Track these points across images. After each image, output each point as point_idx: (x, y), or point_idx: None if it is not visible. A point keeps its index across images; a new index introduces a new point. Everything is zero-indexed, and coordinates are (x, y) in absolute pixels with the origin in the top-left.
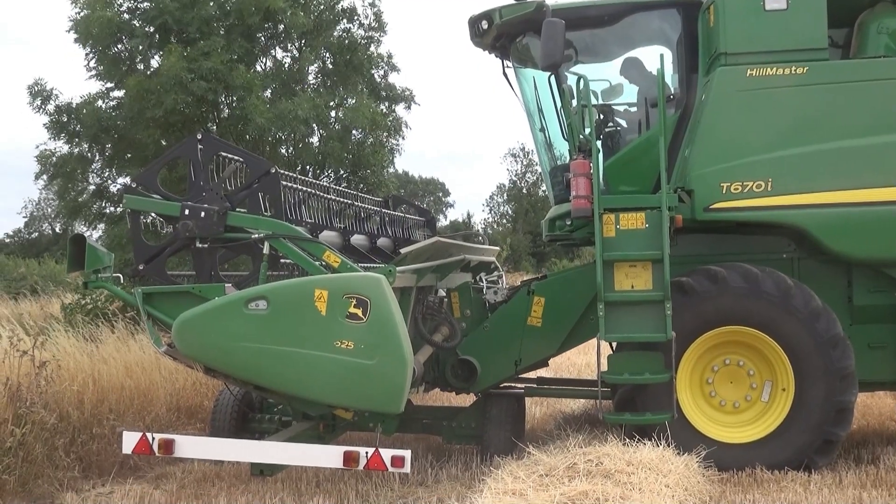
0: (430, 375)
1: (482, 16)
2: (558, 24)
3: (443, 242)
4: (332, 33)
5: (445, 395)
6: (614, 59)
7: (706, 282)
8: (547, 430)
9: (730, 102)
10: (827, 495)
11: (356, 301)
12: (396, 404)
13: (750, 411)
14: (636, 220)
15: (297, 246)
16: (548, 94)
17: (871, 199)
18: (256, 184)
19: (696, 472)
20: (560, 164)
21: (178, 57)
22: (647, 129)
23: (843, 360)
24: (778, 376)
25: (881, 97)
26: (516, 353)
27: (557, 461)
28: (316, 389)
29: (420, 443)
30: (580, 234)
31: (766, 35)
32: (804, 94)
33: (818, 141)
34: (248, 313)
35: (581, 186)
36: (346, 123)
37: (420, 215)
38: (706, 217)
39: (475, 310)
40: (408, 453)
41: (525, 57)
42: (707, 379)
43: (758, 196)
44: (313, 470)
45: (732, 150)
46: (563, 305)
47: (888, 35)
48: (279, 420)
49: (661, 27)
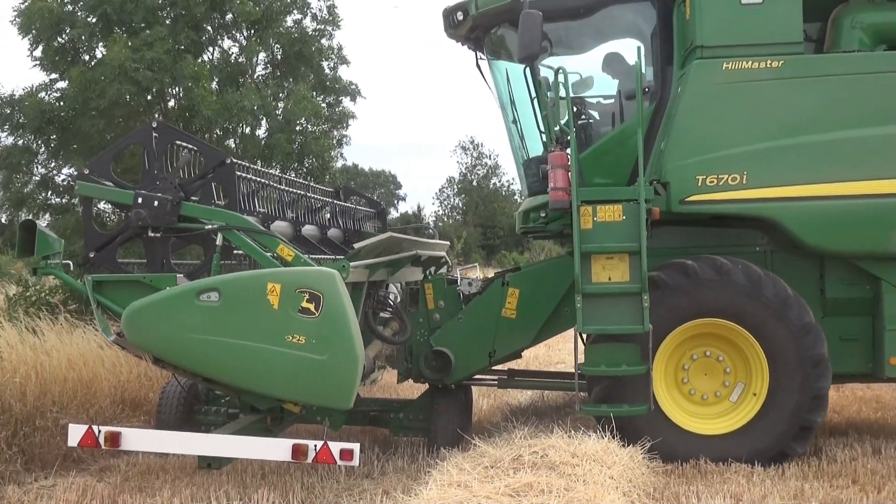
0: (403, 367)
1: (457, 7)
2: (536, 15)
3: (395, 237)
4: (282, 24)
5: (393, 388)
6: (587, 52)
7: (678, 275)
8: (494, 423)
9: (705, 95)
10: (769, 486)
11: (309, 296)
12: (346, 400)
13: (723, 403)
14: (613, 212)
15: (251, 237)
16: (521, 86)
17: (844, 192)
18: (211, 174)
19: (641, 463)
20: (534, 157)
21: (123, 47)
22: (621, 121)
23: (816, 347)
24: (752, 373)
25: (855, 91)
26: (490, 344)
27: (503, 453)
28: (266, 383)
29: (367, 435)
30: (554, 226)
31: (741, 28)
32: (779, 87)
33: (793, 134)
34: (199, 304)
35: (559, 178)
36: (290, 115)
37: (371, 207)
38: (682, 209)
39: (449, 301)
40: (356, 446)
41: (499, 49)
42: (682, 375)
43: (733, 189)
44: (258, 462)
45: (708, 142)
46: (538, 297)
47: (862, 29)
48: (226, 412)
49: (635, 20)
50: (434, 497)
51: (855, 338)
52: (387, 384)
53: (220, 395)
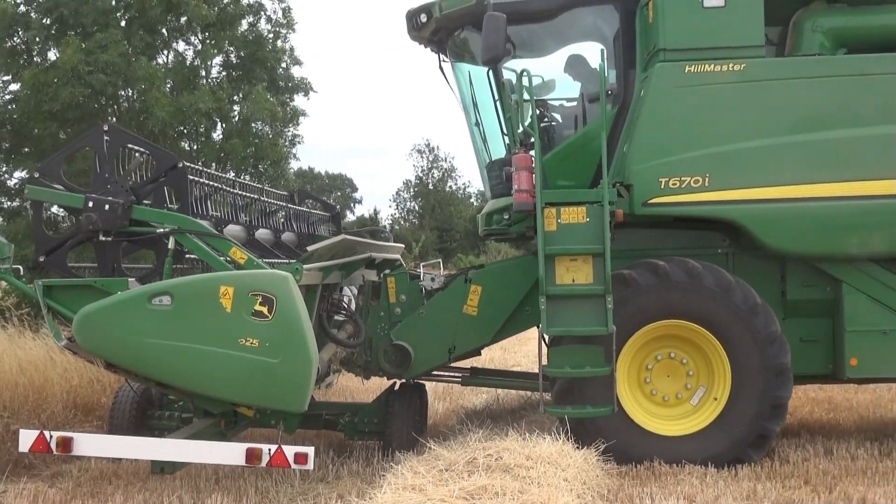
0: (361, 360)
1: (421, 9)
2: (500, 17)
3: (349, 240)
4: (237, 27)
5: (348, 391)
6: (550, 55)
7: (649, 275)
8: (449, 426)
9: (668, 98)
10: (722, 487)
11: (262, 299)
12: (300, 403)
13: (684, 406)
14: (577, 214)
15: (203, 241)
16: (484, 88)
17: (805, 194)
18: (163, 177)
19: (596, 465)
20: (497, 159)
21: (76, 49)
22: (584, 124)
23: (780, 357)
24: (715, 377)
25: (815, 95)
26: (451, 340)
27: (457, 456)
28: (219, 387)
29: (322, 438)
30: (517, 228)
31: (704, 32)
32: (741, 90)
33: (754, 137)
34: (151, 309)
35: (523, 180)
36: (247, 116)
37: (325, 210)
38: (645, 212)
39: (411, 296)
40: (311, 450)
41: (462, 51)
42: (645, 375)
43: (695, 191)
44: (212, 467)
45: (670, 145)
46: (500, 295)
47: (822, 33)
48: (179, 417)
49: (598, 23)
50: (388, 501)
51: (815, 339)
52: (342, 387)
53: (173, 399)
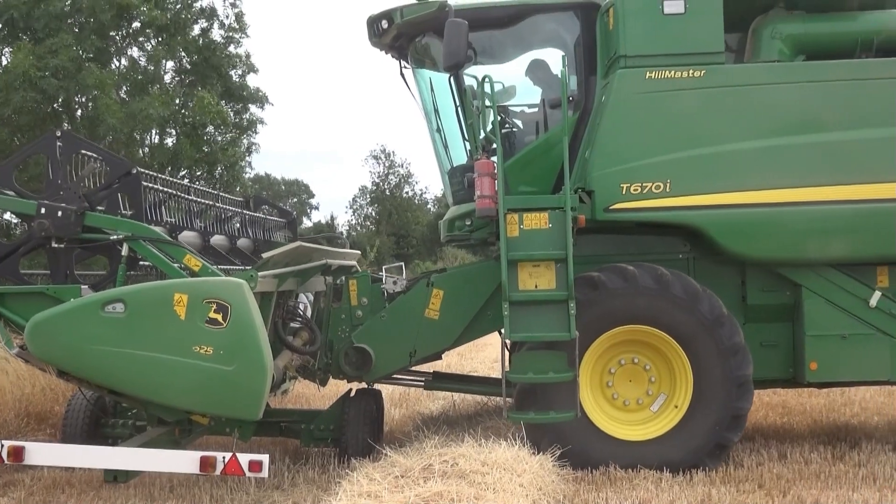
0: (322, 362)
1: (382, 15)
2: (462, 24)
3: (304, 247)
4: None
5: (304, 398)
6: (511, 61)
7: (618, 279)
8: (405, 432)
9: (629, 104)
10: (678, 492)
11: (216, 306)
12: (255, 411)
13: (644, 412)
14: (539, 219)
15: (157, 248)
16: (445, 94)
17: (765, 200)
18: (116, 184)
19: (551, 471)
20: (458, 165)
21: (27, 54)
22: (545, 130)
23: (742, 368)
24: (677, 385)
25: (775, 101)
26: (412, 344)
27: (413, 462)
28: (173, 395)
29: (277, 446)
30: (479, 234)
31: (664, 38)
32: (701, 96)
33: (715, 143)
34: (104, 316)
35: (486, 186)
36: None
37: (281, 216)
38: (606, 217)
39: (373, 299)
40: (265, 458)
41: (423, 57)
42: (608, 378)
43: (657, 197)
44: (166, 475)
45: (632, 151)
46: (462, 300)
47: (781, 40)
48: (133, 425)
49: (559, 29)
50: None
51: (775, 344)
52: (298, 395)
53: (127, 407)
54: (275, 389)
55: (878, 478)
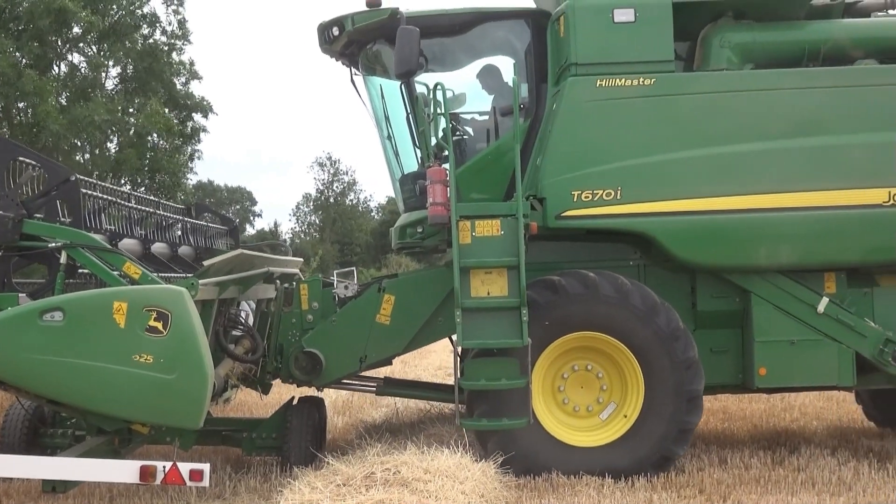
0: (271, 366)
1: (333, 22)
2: (413, 31)
3: (246, 255)
4: (132, 38)
5: (246, 406)
6: (462, 68)
7: (578, 285)
8: (348, 440)
9: (580, 112)
10: (619, 498)
11: (157, 314)
12: (196, 420)
13: (593, 419)
14: (491, 227)
15: (96, 256)
16: (396, 102)
17: (714, 207)
18: (55, 191)
19: (494, 478)
20: (410, 173)
21: None
22: (496, 137)
23: (694, 383)
24: (628, 395)
25: (724, 109)
26: (362, 349)
27: (355, 470)
28: (113, 404)
29: (219, 455)
30: (431, 241)
31: (615, 47)
32: (651, 104)
33: (664, 151)
34: (42, 325)
35: (438, 193)
36: (141, 130)
37: (223, 224)
38: (558, 224)
39: (323, 303)
40: (206, 467)
41: (374, 65)
42: (560, 383)
43: (607, 204)
44: (106, 485)
45: (583, 159)
46: (413, 306)
47: (730, 49)
48: (72, 434)
49: (510, 37)
50: None
51: (725, 350)
52: (240, 403)
53: (66, 417)
54: (216, 398)
55: (817, 482)
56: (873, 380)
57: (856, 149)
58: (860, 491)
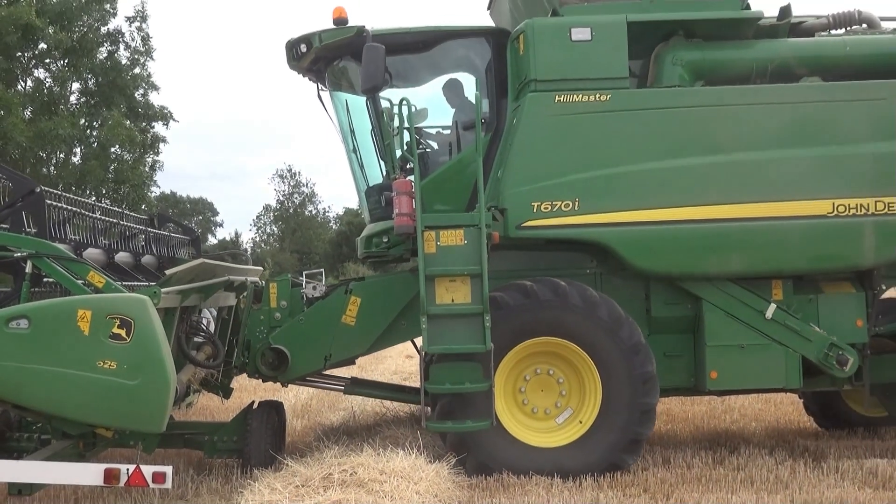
0: (238, 360)
1: (301, 39)
2: (379, 48)
3: (207, 264)
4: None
5: (208, 410)
6: (424, 84)
7: (519, 295)
8: (307, 443)
9: (539, 126)
10: (567, 497)
11: (120, 321)
12: (159, 424)
13: (549, 422)
14: (455, 236)
15: (61, 265)
16: (361, 116)
17: (667, 217)
18: (20, 202)
19: (447, 478)
20: (375, 185)
21: None
22: (458, 151)
23: (646, 366)
24: (586, 392)
25: (676, 124)
26: (328, 348)
27: (314, 472)
28: (78, 409)
29: (182, 457)
30: (396, 250)
31: (572, 64)
32: (607, 119)
33: (620, 164)
34: (8, 332)
35: (403, 204)
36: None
37: (185, 234)
38: (518, 234)
39: (292, 302)
40: (169, 469)
41: (340, 80)
42: (521, 384)
43: (565, 215)
44: (71, 488)
45: (542, 171)
46: (378, 308)
47: (682, 66)
48: (38, 438)
49: (470, 54)
50: None
51: (678, 354)
52: (202, 407)
53: (31, 421)
54: (178, 402)
55: (756, 481)
56: (818, 382)
57: (801, 162)
58: (796, 489)
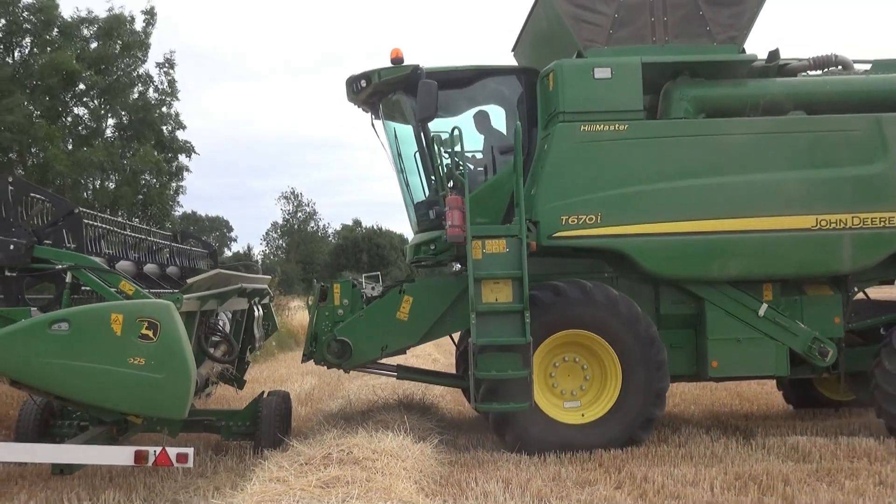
0: (307, 349)
1: (361, 76)
2: (433, 84)
3: (223, 273)
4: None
5: (224, 399)
6: (462, 114)
7: (551, 294)
8: (309, 426)
9: (567, 151)
10: (533, 471)
11: (148, 324)
12: (181, 411)
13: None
14: (499, 245)
15: (97, 275)
16: (407, 142)
17: (676, 230)
18: (61, 221)
19: (430, 456)
20: (423, 200)
21: None
22: (493, 172)
23: (659, 354)
24: (607, 379)
25: (684, 150)
26: (384, 339)
27: (315, 452)
28: (111, 399)
29: (202, 440)
30: (442, 257)
31: (595, 98)
32: (625, 146)
33: (636, 183)
34: (51, 334)
35: (456, 217)
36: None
37: (204, 248)
38: (549, 243)
39: (353, 300)
40: (191, 450)
41: (393, 111)
42: (550, 373)
43: (590, 227)
44: (106, 467)
45: (570, 189)
46: (427, 306)
47: (687, 101)
48: (77, 425)
49: (503, 89)
50: (257, 491)
51: (683, 346)
52: (219, 397)
53: (72, 410)
54: (198, 393)
55: (695, 455)
56: (802, 370)
57: (789, 183)
58: (729, 462)
